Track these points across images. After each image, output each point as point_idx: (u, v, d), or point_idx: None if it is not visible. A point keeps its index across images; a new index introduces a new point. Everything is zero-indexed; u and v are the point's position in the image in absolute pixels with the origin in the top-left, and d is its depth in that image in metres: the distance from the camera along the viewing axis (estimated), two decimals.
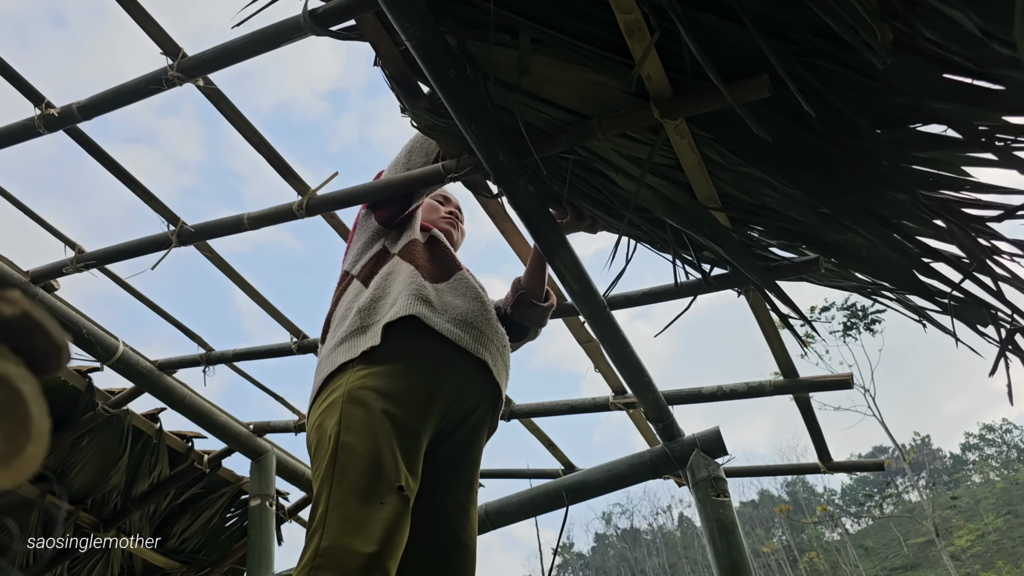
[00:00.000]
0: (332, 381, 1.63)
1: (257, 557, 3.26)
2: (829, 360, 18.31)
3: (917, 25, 1.20)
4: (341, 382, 1.60)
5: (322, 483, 1.45)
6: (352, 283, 1.82)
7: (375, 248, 1.87)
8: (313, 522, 1.41)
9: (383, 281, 1.75)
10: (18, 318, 0.35)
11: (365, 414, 1.51)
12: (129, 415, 3.37)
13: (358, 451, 1.46)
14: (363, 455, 1.46)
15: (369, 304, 1.70)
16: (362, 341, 1.64)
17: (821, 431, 2.97)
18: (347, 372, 1.61)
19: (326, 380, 1.65)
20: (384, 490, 1.42)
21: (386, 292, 1.72)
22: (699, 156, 1.63)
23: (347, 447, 1.47)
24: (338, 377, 1.62)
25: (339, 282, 1.90)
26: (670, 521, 62.16)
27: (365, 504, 1.39)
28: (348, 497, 1.40)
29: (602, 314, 2.07)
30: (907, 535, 45.22)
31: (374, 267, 1.81)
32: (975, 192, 1.51)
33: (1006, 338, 1.61)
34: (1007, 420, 58.20)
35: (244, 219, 2.22)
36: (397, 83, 1.67)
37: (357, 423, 1.50)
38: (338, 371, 1.63)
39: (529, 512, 2.93)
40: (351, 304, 1.75)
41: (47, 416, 0.36)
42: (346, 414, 1.52)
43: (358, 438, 1.48)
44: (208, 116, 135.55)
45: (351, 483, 1.42)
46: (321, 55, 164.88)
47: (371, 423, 1.50)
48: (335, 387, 1.60)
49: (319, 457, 1.51)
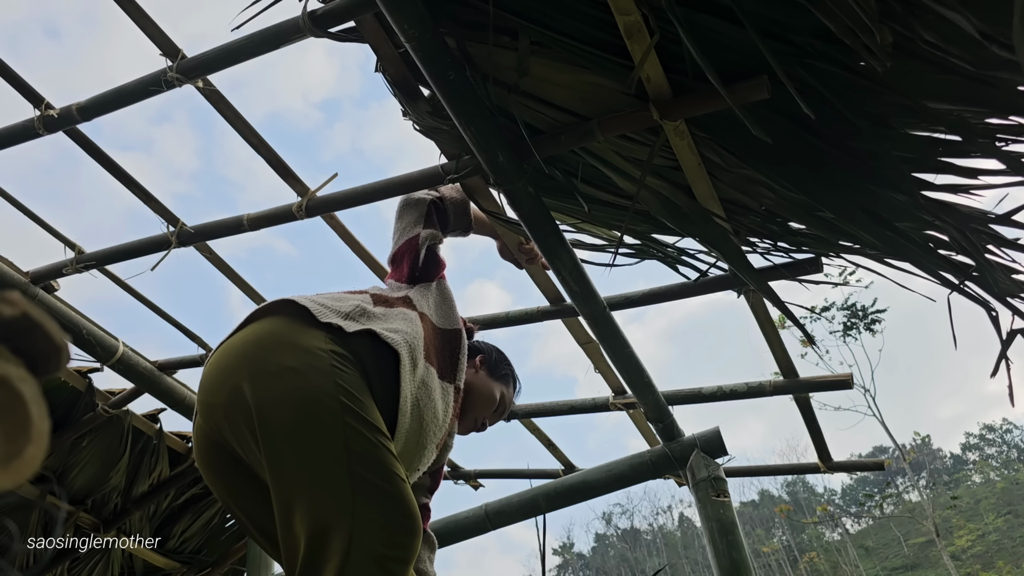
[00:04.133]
0: (311, 327, 1.41)
1: (257, 557, 3.26)
2: (829, 360, 18.32)
3: (916, 27, 1.20)
4: (318, 340, 1.38)
5: (332, 456, 1.24)
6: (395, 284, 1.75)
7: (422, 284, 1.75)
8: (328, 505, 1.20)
9: (400, 315, 1.59)
10: (18, 319, 0.35)
11: (358, 392, 1.34)
12: (129, 415, 3.37)
13: (362, 428, 1.29)
14: (368, 431, 1.29)
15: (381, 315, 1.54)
16: (342, 323, 1.45)
17: (821, 431, 2.97)
18: (325, 334, 1.41)
19: (295, 317, 1.43)
20: (395, 468, 1.28)
21: (396, 319, 1.56)
22: (699, 157, 1.63)
23: (355, 418, 1.29)
24: (314, 329, 1.41)
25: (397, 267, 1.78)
26: (670, 521, 62.16)
27: (386, 485, 1.24)
28: (373, 480, 1.23)
29: (602, 315, 2.07)
30: (907, 535, 45.21)
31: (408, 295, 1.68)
32: (974, 192, 1.51)
33: (1007, 339, 1.61)
34: (1007, 420, 58.21)
35: (244, 220, 2.23)
36: (397, 86, 1.67)
37: (355, 395, 1.32)
38: (320, 326, 1.42)
39: (529, 512, 2.93)
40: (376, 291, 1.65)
41: (47, 417, 0.36)
42: (341, 378, 1.32)
43: (359, 413, 1.30)
44: (202, 124, 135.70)
45: (373, 464, 1.25)
46: (315, 65, 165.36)
47: (366, 403, 1.33)
48: (311, 337, 1.39)
49: (311, 417, 1.27)
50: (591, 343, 2.68)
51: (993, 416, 76.43)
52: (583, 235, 2.08)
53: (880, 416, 18.93)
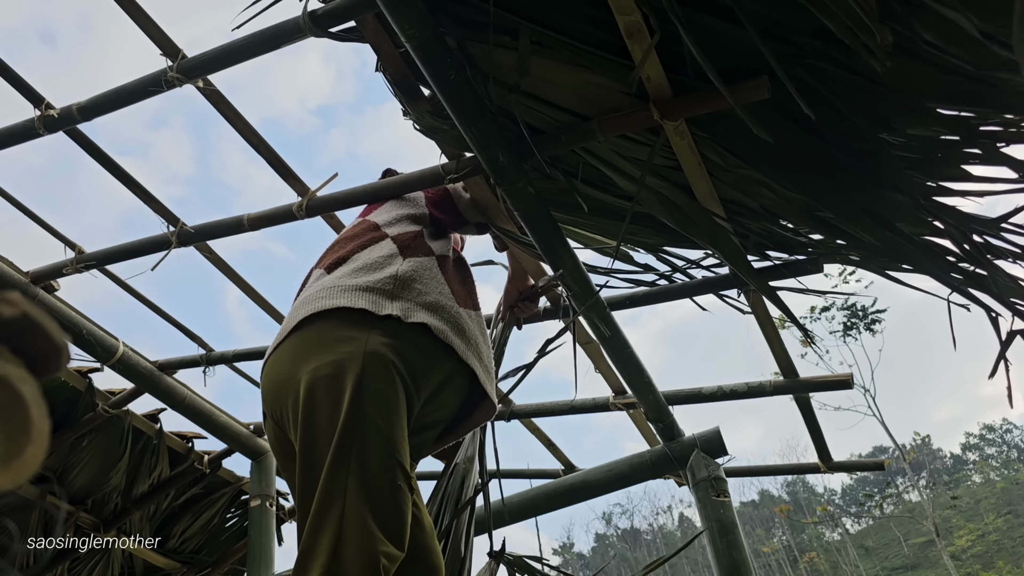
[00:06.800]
0: (345, 324, 1.42)
1: (257, 557, 3.26)
2: (829, 360, 18.31)
3: (916, 27, 1.20)
4: (359, 336, 1.39)
5: (338, 455, 1.26)
6: (385, 241, 1.66)
7: (414, 228, 1.74)
8: (324, 496, 1.23)
9: (419, 269, 1.61)
10: (18, 319, 0.35)
11: (387, 386, 1.35)
12: (129, 415, 3.37)
13: (380, 426, 1.30)
14: (385, 432, 1.31)
15: (407, 276, 1.56)
16: (388, 306, 1.47)
17: (821, 431, 2.97)
18: (366, 329, 1.41)
19: (338, 316, 1.44)
20: (401, 475, 1.29)
21: (421, 282, 1.58)
22: (699, 157, 1.63)
23: (370, 419, 1.30)
24: (354, 326, 1.42)
25: (365, 229, 1.72)
26: (670, 521, 62.13)
27: (386, 489, 1.26)
28: (371, 479, 1.25)
29: (602, 315, 2.07)
30: (907, 535, 45.20)
31: (412, 245, 1.67)
32: (974, 191, 1.51)
33: (1006, 340, 1.61)
34: (1007, 420, 58.19)
35: (244, 220, 2.23)
36: (398, 85, 1.67)
37: (380, 392, 1.34)
38: (357, 315, 1.43)
39: (529, 512, 2.93)
40: (384, 262, 1.58)
41: (47, 417, 0.36)
42: (370, 375, 1.34)
43: (380, 410, 1.32)
44: (198, 128, 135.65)
45: (377, 463, 1.27)
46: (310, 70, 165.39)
47: (392, 396, 1.36)
48: (350, 336, 1.40)
49: (326, 416, 1.30)
50: (591, 343, 2.68)
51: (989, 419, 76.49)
52: (585, 242, 2.09)
53: (880, 416, 18.92)
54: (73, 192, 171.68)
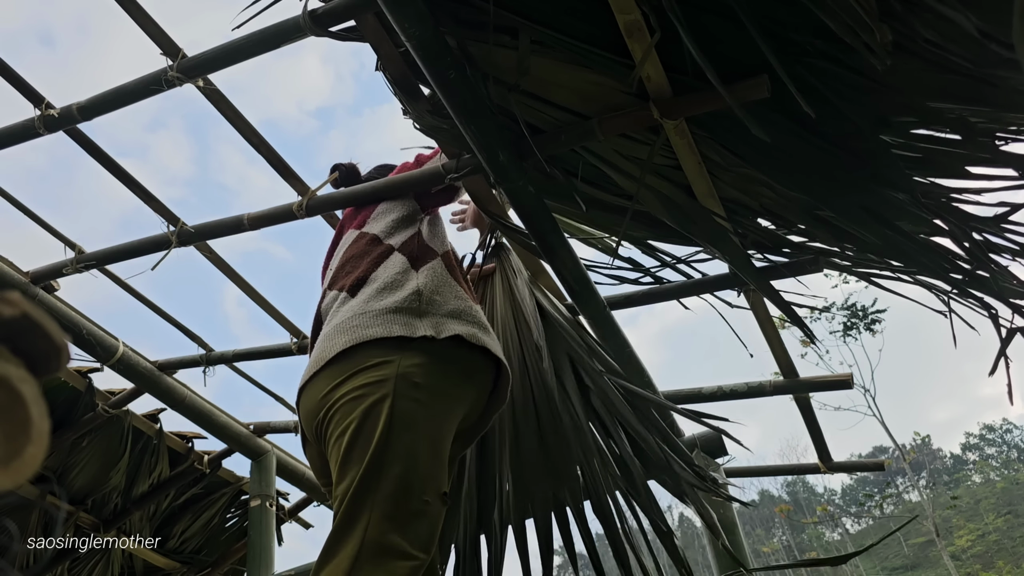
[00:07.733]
0: (380, 350, 1.45)
1: (257, 557, 3.26)
2: (829, 360, 18.29)
3: (916, 26, 1.20)
4: (393, 359, 1.43)
5: (366, 478, 1.29)
6: (394, 255, 1.67)
7: (410, 230, 1.75)
8: (351, 514, 1.26)
9: (434, 278, 1.64)
10: (18, 319, 0.35)
11: (419, 407, 1.39)
12: (129, 415, 3.37)
13: (411, 448, 1.34)
14: (414, 454, 1.34)
15: (428, 289, 1.59)
16: (420, 325, 1.50)
17: (821, 431, 2.97)
18: (400, 351, 1.45)
19: (374, 344, 1.46)
20: (431, 493, 1.33)
21: (439, 292, 1.61)
22: (699, 156, 1.63)
23: (400, 442, 1.33)
24: (389, 350, 1.45)
25: (368, 244, 1.73)
26: (670, 521, 62.11)
27: (412, 507, 1.29)
28: (396, 499, 1.28)
29: (602, 314, 2.07)
30: (907, 535, 45.20)
31: (418, 254, 1.69)
32: (974, 191, 1.51)
33: (1006, 337, 1.61)
34: (1007, 420, 58.20)
35: (244, 219, 2.23)
36: (398, 84, 1.67)
37: (411, 416, 1.37)
38: (392, 342, 1.46)
39: None
40: (401, 278, 1.60)
41: (47, 417, 0.36)
42: (401, 397, 1.38)
43: (410, 432, 1.35)
44: (197, 130, 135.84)
45: (402, 486, 1.30)
46: (309, 72, 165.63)
47: (425, 418, 1.39)
48: (385, 360, 1.43)
49: (359, 440, 1.34)
50: None
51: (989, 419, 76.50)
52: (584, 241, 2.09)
53: (880, 416, 18.90)
54: (73, 192, 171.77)
